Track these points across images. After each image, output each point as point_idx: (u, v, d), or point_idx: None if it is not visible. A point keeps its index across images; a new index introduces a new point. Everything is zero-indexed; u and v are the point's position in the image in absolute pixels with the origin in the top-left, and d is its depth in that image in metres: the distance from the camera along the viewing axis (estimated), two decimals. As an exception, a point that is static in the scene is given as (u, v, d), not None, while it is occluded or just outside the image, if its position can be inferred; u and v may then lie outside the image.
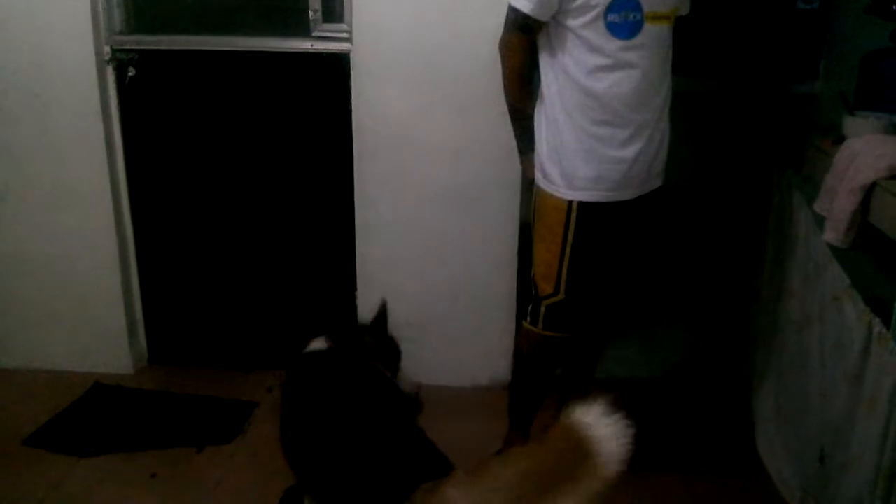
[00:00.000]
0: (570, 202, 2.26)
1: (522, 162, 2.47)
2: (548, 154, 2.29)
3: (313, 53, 2.97)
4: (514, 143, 2.45)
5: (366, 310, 2.45)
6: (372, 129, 2.96)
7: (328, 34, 2.95)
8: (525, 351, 2.51)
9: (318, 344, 1.95)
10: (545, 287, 2.36)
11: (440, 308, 3.12)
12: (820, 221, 2.32)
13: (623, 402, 1.34)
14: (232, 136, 3.12)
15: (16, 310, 3.26)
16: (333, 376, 1.87)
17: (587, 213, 2.26)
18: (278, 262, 3.26)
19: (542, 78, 2.27)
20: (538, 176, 2.35)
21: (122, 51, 3.00)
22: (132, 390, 3.18)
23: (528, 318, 2.43)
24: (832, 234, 2.19)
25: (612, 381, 3.27)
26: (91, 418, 2.97)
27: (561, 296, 2.34)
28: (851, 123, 2.47)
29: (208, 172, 3.17)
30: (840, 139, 2.40)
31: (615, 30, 2.11)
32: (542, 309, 2.38)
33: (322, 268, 3.23)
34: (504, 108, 2.35)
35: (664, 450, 2.73)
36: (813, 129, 2.83)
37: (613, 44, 2.12)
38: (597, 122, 2.20)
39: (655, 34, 2.17)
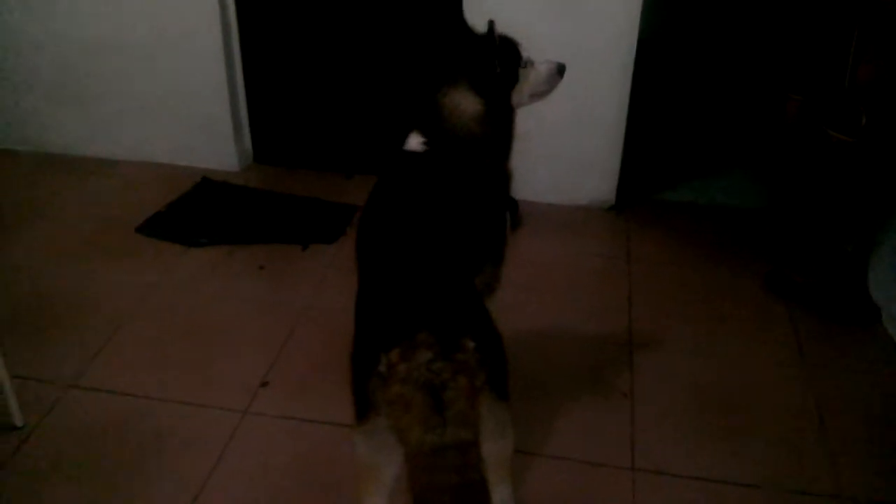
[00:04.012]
0: None
1: None
2: None
3: None
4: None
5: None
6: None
7: None
8: None
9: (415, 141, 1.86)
10: None
11: (542, 121, 3.02)
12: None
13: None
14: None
15: (121, 101, 3.30)
16: (419, 176, 1.81)
17: None
18: (383, 66, 3.18)
19: None
20: None
21: None
22: (239, 187, 3.25)
23: None
24: None
25: (721, 210, 3.20)
26: (200, 211, 3.07)
27: None
28: None
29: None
30: None
31: None
32: None
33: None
34: None
35: (771, 283, 2.68)
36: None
37: None
38: None
39: None
